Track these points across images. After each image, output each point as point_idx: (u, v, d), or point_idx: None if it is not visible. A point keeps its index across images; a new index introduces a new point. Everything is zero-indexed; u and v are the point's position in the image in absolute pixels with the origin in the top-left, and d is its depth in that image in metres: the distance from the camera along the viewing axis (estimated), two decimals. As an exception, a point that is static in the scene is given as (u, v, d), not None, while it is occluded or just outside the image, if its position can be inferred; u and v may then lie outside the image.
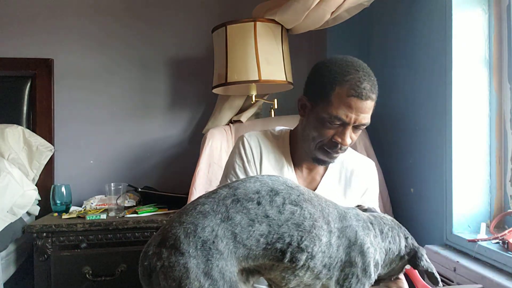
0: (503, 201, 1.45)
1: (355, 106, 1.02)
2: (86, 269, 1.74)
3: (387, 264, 0.87)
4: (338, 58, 1.09)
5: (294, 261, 0.73)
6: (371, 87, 1.04)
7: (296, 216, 0.74)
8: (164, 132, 2.38)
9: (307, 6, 1.67)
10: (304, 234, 0.73)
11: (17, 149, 2.02)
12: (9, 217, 1.78)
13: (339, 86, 1.02)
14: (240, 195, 0.74)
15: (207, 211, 0.72)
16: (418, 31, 1.71)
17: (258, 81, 1.85)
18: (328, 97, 1.03)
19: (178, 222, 0.72)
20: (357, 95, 1.01)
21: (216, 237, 0.70)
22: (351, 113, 1.02)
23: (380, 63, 2.06)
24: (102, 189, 2.04)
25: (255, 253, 0.72)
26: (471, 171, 1.47)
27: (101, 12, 2.31)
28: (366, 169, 1.23)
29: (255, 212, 0.72)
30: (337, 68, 1.05)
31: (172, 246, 0.70)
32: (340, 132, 1.05)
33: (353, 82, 1.02)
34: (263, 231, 0.72)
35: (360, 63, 1.07)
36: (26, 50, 2.23)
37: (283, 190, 0.76)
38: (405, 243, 0.89)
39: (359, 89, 1.01)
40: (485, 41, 1.47)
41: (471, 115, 1.47)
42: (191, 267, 0.68)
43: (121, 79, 2.33)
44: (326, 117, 1.03)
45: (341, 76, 1.03)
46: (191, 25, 2.37)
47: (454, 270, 1.32)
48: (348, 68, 1.04)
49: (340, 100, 1.02)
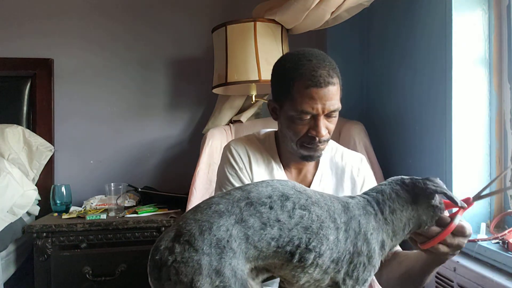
0: (503, 201, 1.46)
1: (317, 96, 1.00)
2: (86, 269, 1.74)
3: (401, 229, 0.83)
4: (290, 54, 1.09)
5: (303, 261, 0.75)
6: (328, 72, 1.02)
7: (305, 220, 0.76)
8: (164, 132, 2.38)
9: (307, 6, 1.67)
10: (311, 236, 0.75)
11: (17, 149, 2.02)
12: (9, 217, 1.78)
13: (297, 81, 1.01)
14: (253, 198, 0.76)
15: (222, 211, 0.74)
16: (418, 31, 1.72)
17: (258, 81, 1.85)
18: (289, 94, 1.03)
19: (193, 219, 0.73)
20: (314, 84, 1.00)
21: (230, 236, 0.71)
22: (315, 104, 1.01)
23: (380, 63, 2.06)
24: (102, 189, 2.04)
25: (265, 254, 0.74)
26: (471, 171, 1.47)
27: (101, 13, 2.31)
28: (357, 163, 1.22)
29: (267, 216, 0.74)
30: (291, 64, 1.04)
31: (186, 242, 0.70)
32: (313, 125, 1.04)
33: (307, 72, 1.00)
34: (274, 235, 0.74)
35: (312, 52, 1.05)
36: (26, 50, 2.23)
37: (292, 195, 0.78)
38: (405, 188, 0.84)
39: (315, 78, 1.00)
40: (485, 41, 1.47)
41: (471, 115, 1.47)
42: (204, 264, 0.68)
43: (121, 79, 2.34)
44: (294, 114, 1.03)
45: (296, 70, 1.02)
46: (191, 25, 2.37)
47: (454, 270, 1.32)
48: (300, 60, 1.03)
49: (301, 94, 1.01)
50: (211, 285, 0.68)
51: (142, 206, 2.03)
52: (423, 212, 0.84)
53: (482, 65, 1.47)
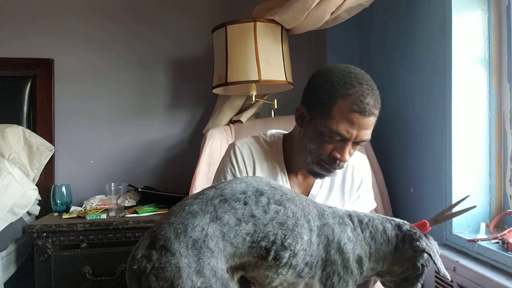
0: (502, 201, 1.46)
1: (357, 122, 0.96)
2: (87, 269, 1.74)
3: (380, 257, 0.83)
4: (340, 68, 1.02)
5: (278, 259, 0.75)
6: (375, 102, 0.98)
7: (280, 215, 0.75)
8: (164, 132, 2.38)
9: (307, 6, 1.67)
10: (287, 233, 0.75)
11: (17, 149, 2.02)
12: (9, 217, 1.78)
13: (341, 100, 0.96)
14: (227, 195, 0.75)
15: (196, 211, 0.73)
16: (418, 31, 1.72)
17: (258, 81, 1.85)
18: (329, 110, 0.98)
19: (167, 223, 0.72)
20: (360, 110, 0.95)
21: (206, 236, 0.70)
22: (352, 129, 0.97)
23: (380, 63, 2.07)
24: (103, 189, 2.04)
25: (241, 251, 0.74)
26: (470, 171, 1.47)
27: (102, 13, 2.31)
28: (359, 163, 1.22)
29: (242, 212, 0.74)
30: (339, 80, 0.98)
31: (162, 247, 0.69)
32: (340, 147, 1.00)
33: (356, 96, 0.96)
34: (249, 230, 0.73)
35: (364, 75, 1.01)
36: (26, 50, 2.24)
37: (267, 190, 0.78)
38: (396, 231, 0.84)
39: (363, 104, 0.95)
40: (485, 41, 1.47)
41: (470, 115, 1.47)
42: (183, 267, 0.68)
43: (121, 79, 2.34)
44: (326, 131, 0.99)
45: (344, 88, 0.97)
46: (191, 25, 2.38)
47: (454, 270, 1.32)
48: (351, 80, 0.98)
49: (341, 115, 0.96)
50: (192, 287, 0.67)
51: (142, 206, 2.03)
52: (404, 260, 0.84)
53: (481, 65, 1.47)
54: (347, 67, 1.02)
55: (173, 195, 2.10)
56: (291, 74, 1.99)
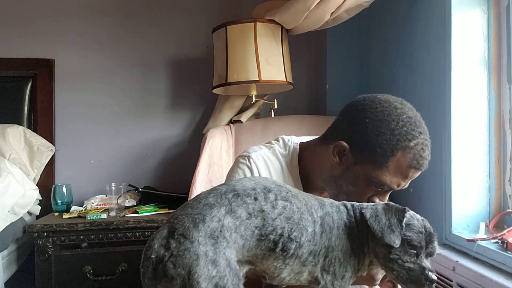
0: (502, 200, 1.46)
1: (411, 176, 0.90)
2: (87, 269, 1.75)
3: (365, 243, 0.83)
4: (403, 112, 0.91)
5: (285, 250, 0.78)
6: (429, 153, 0.91)
7: (287, 210, 0.79)
8: (164, 132, 2.38)
9: (307, 6, 1.68)
10: (293, 226, 0.78)
11: (18, 149, 2.03)
12: (10, 216, 1.78)
13: (401, 153, 0.88)
14: (239, 190, 0.78)
15: (212, 203, 0.75)
16: (418, 32, 1.72)
17: (258, 81, 1.85)
18: (385, 161, 0.89)
19: (185, 214, 0.75)
20: (418, 166, 0.89)
21: (223, 226, 0.73)
22: (403, 182, 0.91)
23: (380, 63, 2.07)
24: (103, 189, 2.04)
25: (250, 243, 0.76)
26: (470, 171, 1.47)
27: (102, 13, 2.31)
28: None
29: (252, 207, 0.77)
30: (401, 129, 0.88)
31: (181, 235, 0.71)
32: (381, 194, 0.95)
33: (417, 149, 0.88)
34: (258, 224, 0.76)
35: (420, 118, 0.91)
36: (27, 50, 2.24)
37: (274, 188, 0.81)
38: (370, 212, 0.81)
39: (422, 159, 0.89)
40: (484, 42, 1.47)
41: (470, 115, 1.47)
42: (201, 255, 0.69)
43: (121, 80, 2.34)
44: (376, 182, 0.91)
45: (406, 140, 0.88)
46: (191, 26, 2.38)
47: (453, 270, 1.32)
48: (413, 129, 0.89)
49: (398, 169, 0.89)
50: (208, 275, 0.69)
51: (142, 206, 2.03)
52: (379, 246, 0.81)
53: (481, 65, 1.47)
54: (402, 106, 0.92)
55: (174, 195, 2.11)
56: (291, 74, 1.99)
